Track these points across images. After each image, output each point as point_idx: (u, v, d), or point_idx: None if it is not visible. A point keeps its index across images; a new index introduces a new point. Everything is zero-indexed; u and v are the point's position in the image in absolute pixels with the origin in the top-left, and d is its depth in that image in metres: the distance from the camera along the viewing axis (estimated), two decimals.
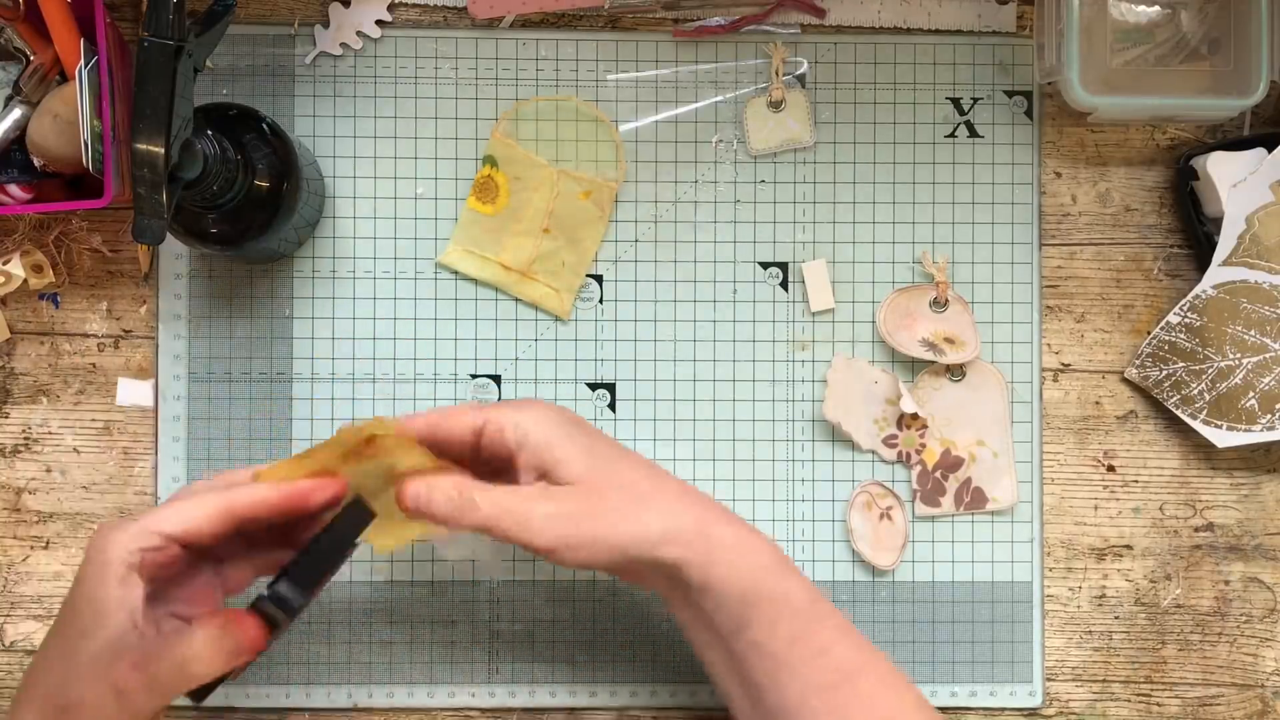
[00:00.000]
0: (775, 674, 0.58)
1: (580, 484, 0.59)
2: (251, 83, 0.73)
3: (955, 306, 0.74)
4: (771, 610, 0.58)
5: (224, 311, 0.73)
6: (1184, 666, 0.74)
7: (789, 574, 0.60)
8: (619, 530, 0.58)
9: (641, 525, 0.59)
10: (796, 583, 0.60)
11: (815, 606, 0.59)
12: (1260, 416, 0.72)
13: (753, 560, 0.59)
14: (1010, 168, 0.74)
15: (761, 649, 0.58)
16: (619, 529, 0.58)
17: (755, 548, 0.60)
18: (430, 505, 0.59)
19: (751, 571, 0.59)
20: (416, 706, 0.73)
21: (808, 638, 0.58)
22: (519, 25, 0.74)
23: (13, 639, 0.73)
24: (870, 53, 0.74)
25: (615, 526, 0.58)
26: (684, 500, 0.60)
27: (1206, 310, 0.72)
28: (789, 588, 0.59)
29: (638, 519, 0.59)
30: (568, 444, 0.60)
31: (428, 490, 0.59)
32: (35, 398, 0.73)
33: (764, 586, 0.59)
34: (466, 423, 0.61)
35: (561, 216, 0.73)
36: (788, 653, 0.58)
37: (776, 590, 0.59)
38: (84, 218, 0.73)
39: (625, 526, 0.58)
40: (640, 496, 0.60)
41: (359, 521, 0.59)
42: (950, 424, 0.74)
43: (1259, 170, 0.71)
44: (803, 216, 0.74)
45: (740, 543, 0.60)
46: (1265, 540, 0.74)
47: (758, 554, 0.60)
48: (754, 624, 0.58)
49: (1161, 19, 0.73)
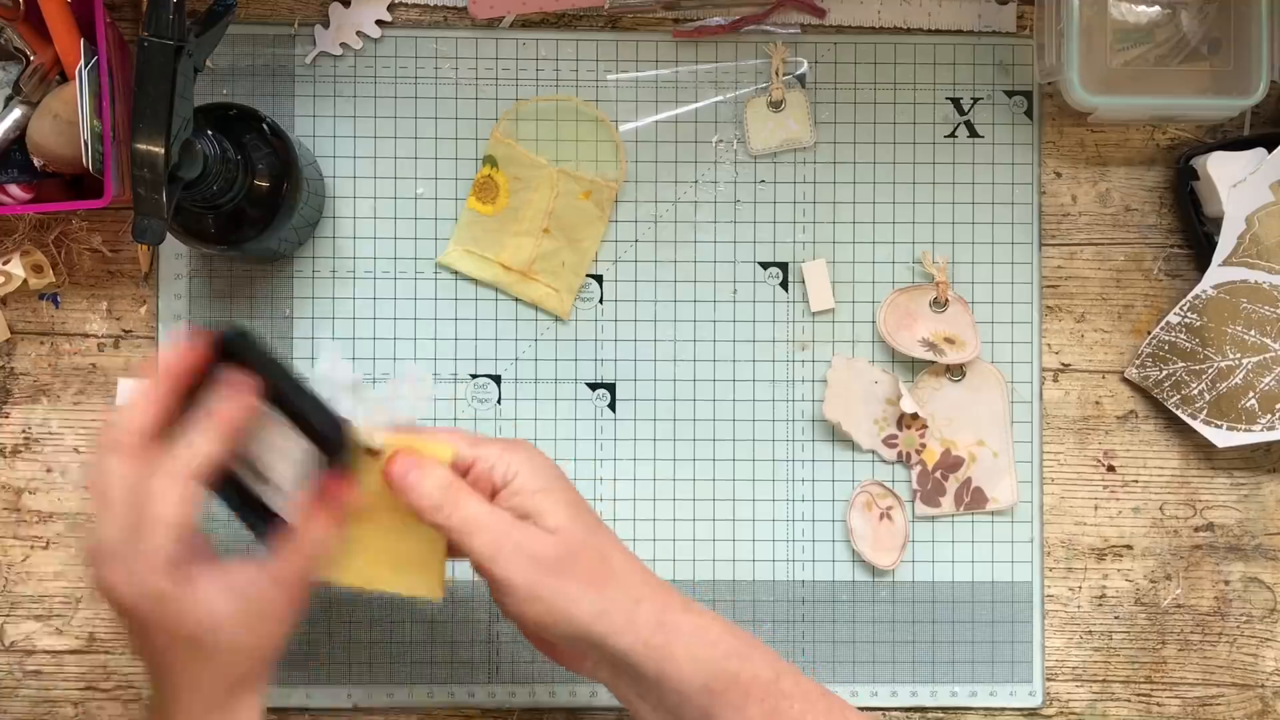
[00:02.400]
0: None
1: (559, 536, 0.57)
2: (251, 83, 0.73)
3: (955, 306, 0.74)
4: (738, 696, 0.56)
5: (224, 311, 0.73)
6: (1184, 666, 0.74)
7: (751, 652, 0.58)
8: (581, 604, 0.56)
9: (605, 602, 0.56)
10: (760, 659, 0.58)
11: (780, 682, 0.57)
12: (1260, 416, 0.72)
13: (713, 649, 0.57)
14: (1010, 168, 0.74)
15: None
16: (582, 602, 0.56)
17: (715, 635, 0.57)
18: (417, 486, 0.56)
19: (712, 661, 0.57)
20: (416, 706, 0.73)
21: (778, 715, 0.57)
22: (519, 25, 0.74)
23: (13, 639, 0.73)
24: (870, 53, 0.74)
25: (579, 597, 0.56)
26: (648, 586, 0.58)
27: (1206, 310, 0.72)
28: (753, 668, 0.57)
29: (602, 593, 0.56)
30: (555, 494, 0.58)
31: (420, 472, 0.56)
32: (35, 398, 0.73)
33: (727, 673, 0.57)
34: (456, 450, 0.58)
35: (561, 216, 0.73)
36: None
37: (742, 674, 0.57)
38: (84, 218, 0.73)
39: (589, 600, 0.56)
40: (611, 571, 0.57)
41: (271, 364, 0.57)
42: (950, 424, 0.74)
43: (1259, 170, 0.71)
44: (803, 216, 0.74)
45: (698, 631, 0.57)
46: (1265, 540, 0.74)
47: (718, 641, 0.57)
48: (722, 714, 0.56)
49: (1161, 19, 0.73)
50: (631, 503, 0.73)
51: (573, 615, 0.56)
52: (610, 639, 0.56)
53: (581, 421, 0.74)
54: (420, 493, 0.56)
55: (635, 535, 0.73)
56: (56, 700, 0.73)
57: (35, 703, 0.73)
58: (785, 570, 0.74)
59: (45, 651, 0.72)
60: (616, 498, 0.73)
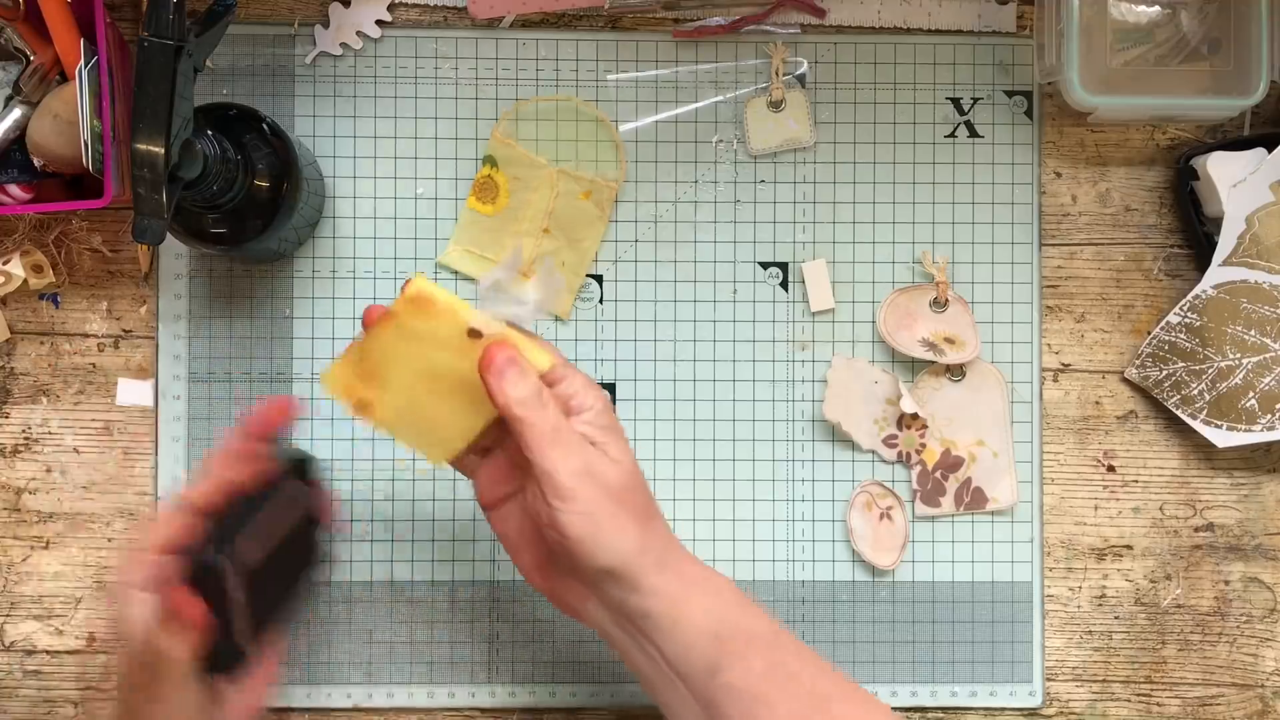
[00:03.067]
0: (752, 710, 0.57)
1: (622, 467, 0.58)
2: (251, 83, 0.73)
3: (955, 306, 0.74)
4: (742, 645, 0.58)
5: (224, 311, 0.73)
6: (1184, 666, 0.74)
7: (752, 607, 0.60)
8: (628, 535, 0.57)
9: (645, 540, 0.58)
10: (759, 613, 0.59)
11: (779, 636, 0.59)
12: (1260, 416, 0.72)
13: (719, 599, 0.59)
14: (1010, 168, 0.74)
15: (735, 689, 0.57)
16: (629, 534, 0.57)
17: (720, 584, 0.59)
18: (514, 381, 0.56)
19: (721, 608, 0.58)
20: (416, 706, 0.73)
21: (779, 667, 0.58)
22: (519, 25, 0.74)
23: (13, 639, 0.73)
24: (870, 53, 0.74)
25: (628, 529, 0.57)
26: (671, 536, 0.60)
27: (1206, 310, 0.72)
28: (754, 620, 0.59)
29: (644, 531, 0.58)
30: (619, 435, 0.59)
31: (518, 369, 0.57)
32: (35, 398, 0.73)
33: (733, 621, 0.58)
34: (554, 362, 0.59)
35: (561, 216, 0.73)
36: (761, 685, 0.57)
37: (742, 624, 0.58)
38: (84, 218, 0.73)
39: (635, 534, 0.58)
40: (652, 514, 0.60)
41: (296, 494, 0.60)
42: (950, 424, 0.74)
43: (1259, 170, 0.71)
44: (803, 216, 0.74)
45: (707, 579, 0.59)
46: (1265, 540, 0.74)
47: (722, 589, 0.59)
48: (727, 662, 0.57)
49: (1161, 19, 0.73)
50: None
51: (618, 544, 0.57)
52: (641, 577, 0.57)
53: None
54: (513, 386, 0.56)
55: None
56: (56, 700, 0.73)
57: (35, 703, 0.73)
58: (785, 570, 0.74)
59: (45, 651, 0.72)
60: None
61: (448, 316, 0.58)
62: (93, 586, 0.73)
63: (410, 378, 0.59)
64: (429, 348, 0.59)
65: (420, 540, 0.73)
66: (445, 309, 0.58)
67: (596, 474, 0.57)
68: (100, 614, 0.72)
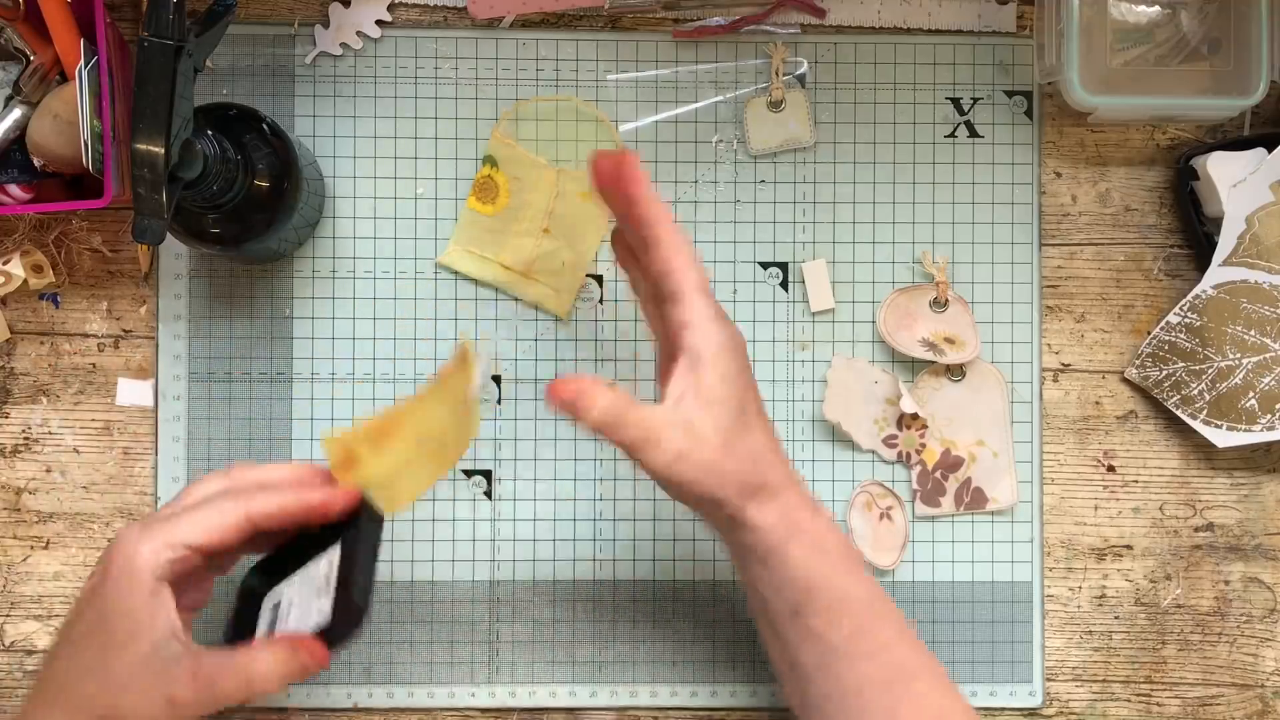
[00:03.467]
0: (831, 664, 0.59)
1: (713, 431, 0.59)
2: (251, 83, 0.73)
3: (955, 306, 0.74)
4: (833, 602, 0.59)
5: (224, 311, 0.73)
6: (1184, 666, 0.74)
7: (854, 569, 0.60)
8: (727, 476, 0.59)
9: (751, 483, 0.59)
10: (859, 579, 0.60)
11: (876, 604, 0.60)
12: (1260, 416, 0.72)
13: (823, 555, 0.60)
14: (1010, 168, 0.74)
15: (819, 637, 0.59)
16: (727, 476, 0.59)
17: (826, 539, 0.60)
18: (586, 413, 0.58)
19: (820, 565, 0.59)
20: (416, 706, 0.73)
21: (869, 633, 0.59)
22: (519, 25, 0.74)
23: (13, 639, 0.73)
24: (870, 53, 0.74)
25: (725, 474, 0.58)
26: (790, 478, 0.61)
27: (1206, 310, 0.72)
28: (851, 583, 0.60)
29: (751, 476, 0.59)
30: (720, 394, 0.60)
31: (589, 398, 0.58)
32: (35, 398, 0.73)
33: (828, 580, 0.59)
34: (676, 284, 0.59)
35: (561, 216, 0.73)
36: (847, 645, 0.59)
37: (838, 585, 0.59)
38: (84, 218, 0.73)
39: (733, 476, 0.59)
40: (759, 459, 0.60)
41: (376, 529, 0.60)
42: (950, 424, 0.74)
43: (1259, 170, 0.71)
44: (803, 216, 0.74)
45: (818, 533, 0.60)
46: (1265, 540, 0.75)
47: (827, 545, 0.60)
48: (812, 612, 0.59)
49: (1161, 19, 0.73)
50: (632, 503, 0.73)
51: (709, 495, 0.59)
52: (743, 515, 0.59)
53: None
54: (590, 417, 0.58)
55: (635, 535, 0.73)
56: None
57: None
58: None
59: (45, 652, 0.72)
60: (617, 498, 0.73)
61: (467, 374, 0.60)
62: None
63: (413, 441, 0.60)
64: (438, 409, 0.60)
65: (420, 540, 0.73)
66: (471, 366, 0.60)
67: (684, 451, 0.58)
68: None
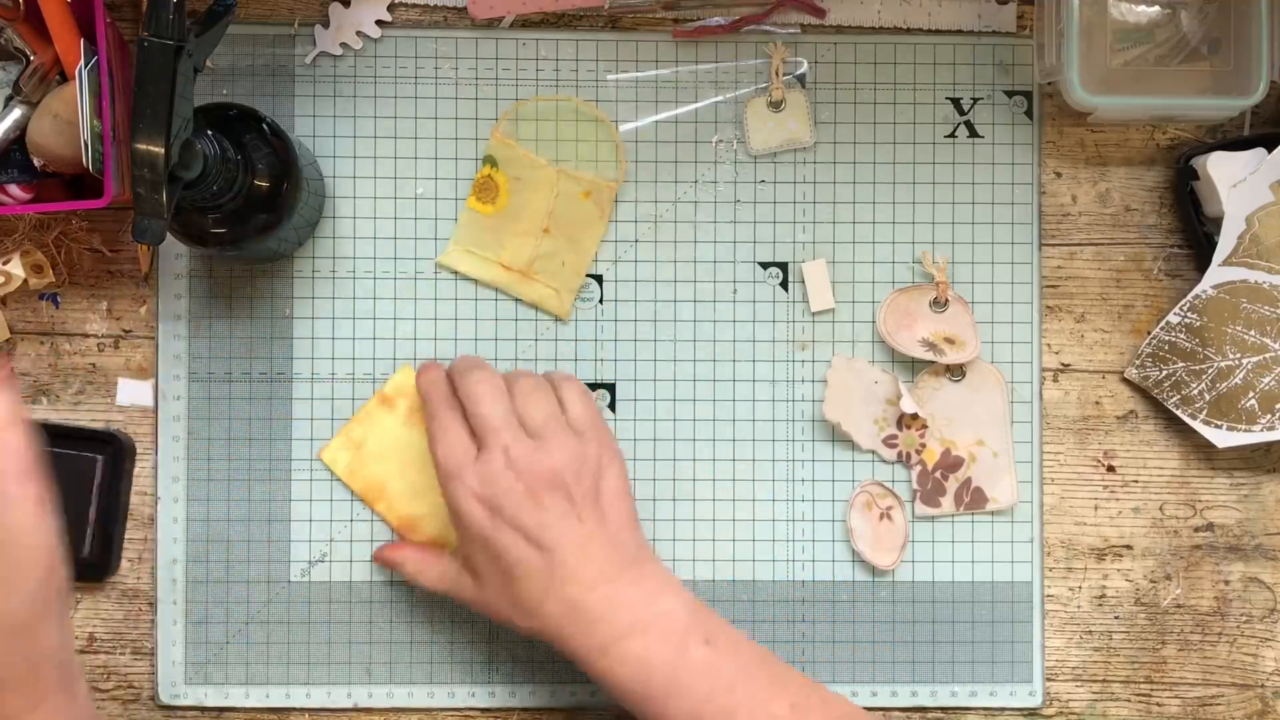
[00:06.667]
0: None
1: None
2: (251, 83, 0.73)
3: (955, 306, 0.74)
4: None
5: (224, 311, 0.73)
6: (1184, 666, 0.74)
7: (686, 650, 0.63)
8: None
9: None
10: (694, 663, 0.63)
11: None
12: (1260, 416, 0.72)
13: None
14: (1010, 168, 0.74)
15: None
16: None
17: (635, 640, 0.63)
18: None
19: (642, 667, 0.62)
20: (416, 706, 0.73)
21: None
22: (519, 25, 0.74)
23: None
24: (870, 53, 0.74)
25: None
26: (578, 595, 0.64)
27: (1206, 310, 0.72)
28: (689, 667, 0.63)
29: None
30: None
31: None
32: (35, 398, 0.73)
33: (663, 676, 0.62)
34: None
35: (561, 216, 0.73)
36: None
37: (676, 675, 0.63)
38: (84, 218, 0.73)
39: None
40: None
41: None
42: (950, 424, 0.74)
43: (1259, 170, 0.71)
44: (803, 216, 0.74)
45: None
46: (1265, 540, 0.75)
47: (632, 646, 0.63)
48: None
49: (1161, 19, 0.73)
50: None
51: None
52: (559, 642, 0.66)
53: None
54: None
55: None
56: None
57: None
58: (785, 570, 0.74)
59: None
60: None
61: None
62: (92, 587, 0.73)
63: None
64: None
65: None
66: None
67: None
68: (99, 615, 0.72)
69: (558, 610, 0.62)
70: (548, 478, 0.63)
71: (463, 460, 0.64)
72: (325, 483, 0.73)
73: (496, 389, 0.65)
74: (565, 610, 0.62)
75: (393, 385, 0.73)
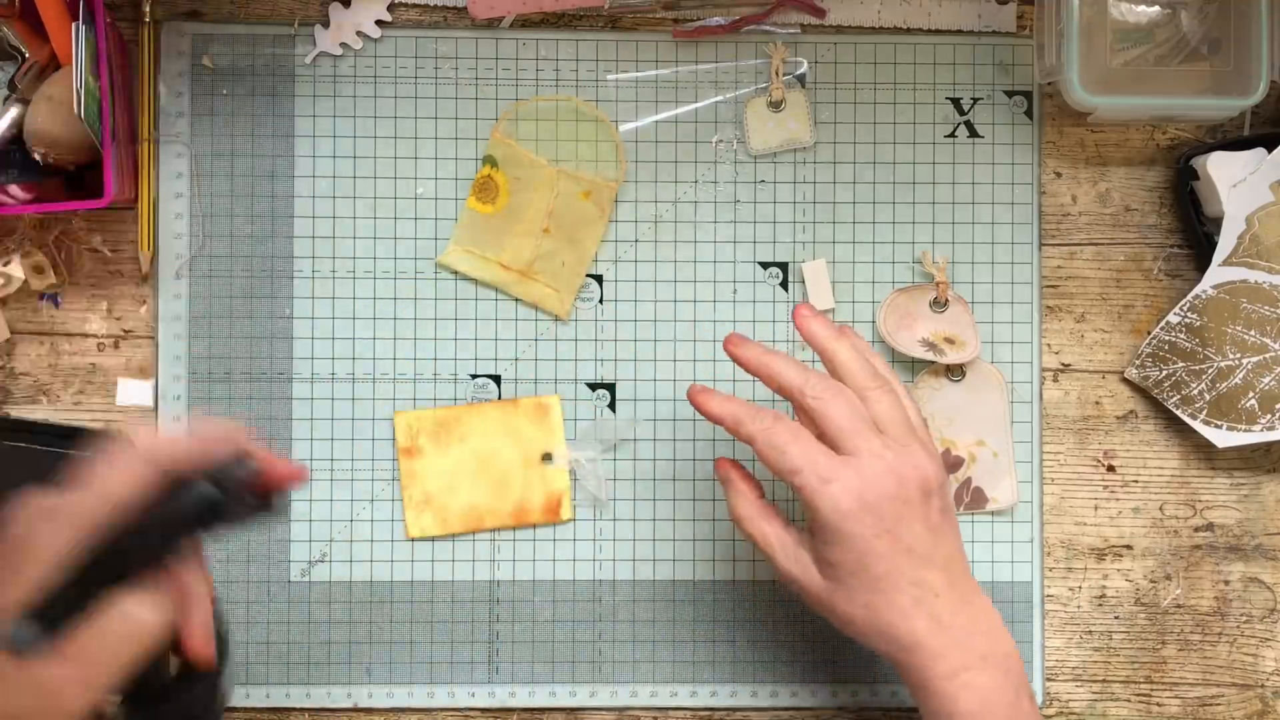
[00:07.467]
0: None
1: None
2: (251, 83, 0.73)
3: (955, 306, 0.74)
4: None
5: (224, 311, 0.73)
6: (1184, 666, 0.74)
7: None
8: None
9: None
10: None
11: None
12: (1260, 416, 0.72)
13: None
14: (1010, 168, 0.74)
15: None
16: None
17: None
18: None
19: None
20: (416, 706, 0.73)
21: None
22: (519, 25, 0.74)
23: None
24: (870, 53, 0.74)
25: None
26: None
27: (1206, 310, 0.72)
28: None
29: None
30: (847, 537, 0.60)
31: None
32: (35, 398, 0.73)
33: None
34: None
35: (561, 216, 0.73)
36: None
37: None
38: (84, 218, 0.73)
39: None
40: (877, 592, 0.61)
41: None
42: (950, 424, 0.74)
43: (1259, 170, 0.71)
44: (803, 216, 0.74)
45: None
46: (1265, 540, 0.75)
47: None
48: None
49: (1161, 19, 0.73)
50: (631, 503, 0.73)
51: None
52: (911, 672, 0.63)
53: (581, 422, 0.73)
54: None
55: (635, 535, 0.73)
56: None
57: None
58: None
59: None
60: (616, 498, 0.73)
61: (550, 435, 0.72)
62: None
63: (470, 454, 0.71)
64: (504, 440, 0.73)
65: (422, 540, 0.73)
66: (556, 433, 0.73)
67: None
68: None
69: (924, 627, 0.59)
70: (923, 485, 0.60)
71: (834, 462, 0.60)
72: (325, 483, 0.73)
73: (844, 393, 0.62)
74: (932, 628, 0.59)
75: (402, 434, 0.72)
